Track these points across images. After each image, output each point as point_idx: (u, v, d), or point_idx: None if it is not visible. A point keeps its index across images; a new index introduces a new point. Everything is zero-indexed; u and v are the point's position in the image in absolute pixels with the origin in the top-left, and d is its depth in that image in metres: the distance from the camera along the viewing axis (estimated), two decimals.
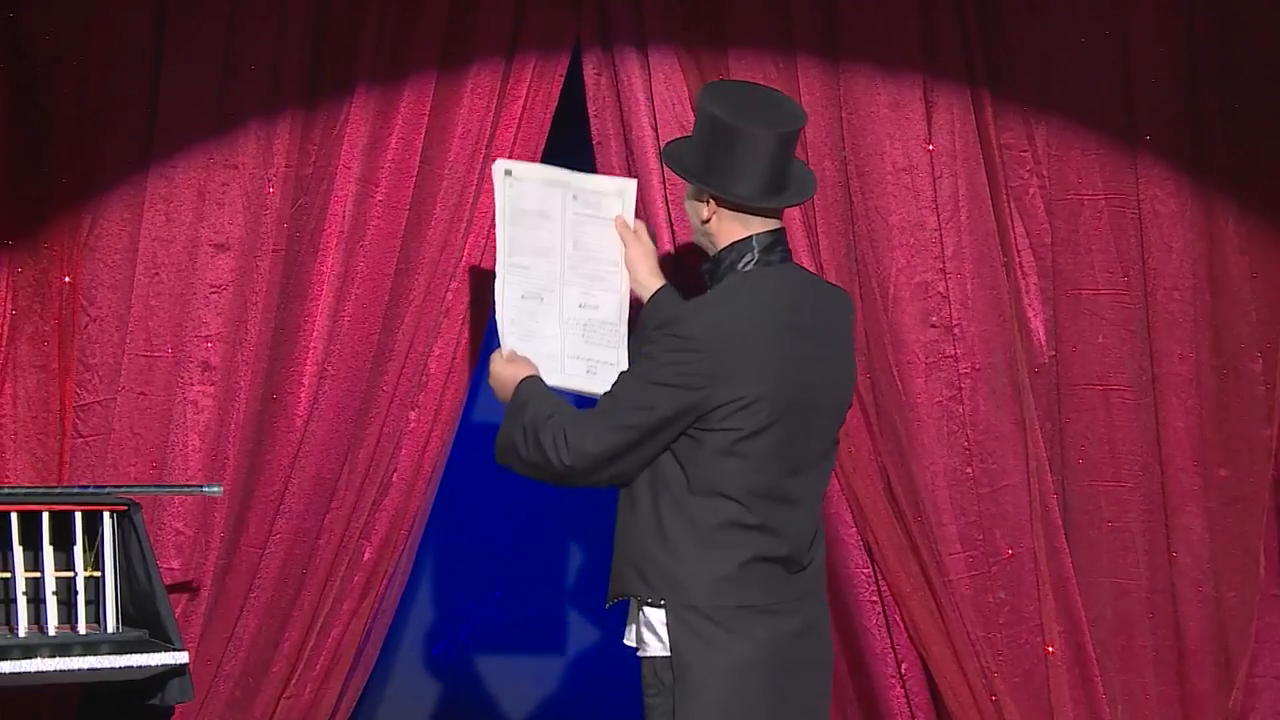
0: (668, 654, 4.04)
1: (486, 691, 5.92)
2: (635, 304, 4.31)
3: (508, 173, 4.20)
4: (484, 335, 5.34)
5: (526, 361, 4.27)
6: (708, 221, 4.16)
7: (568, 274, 4.18)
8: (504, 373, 4.26)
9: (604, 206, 4.19)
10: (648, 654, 4.08)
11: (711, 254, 4.21)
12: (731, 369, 4.01)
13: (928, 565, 5.23)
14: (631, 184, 4.26)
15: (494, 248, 5.24)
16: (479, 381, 5.51)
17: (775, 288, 4.15)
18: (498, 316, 4.29)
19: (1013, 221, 5.33)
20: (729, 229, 4.17)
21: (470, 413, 5.58)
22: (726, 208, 4.14)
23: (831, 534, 5.25)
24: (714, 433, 4.01)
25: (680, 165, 4.19)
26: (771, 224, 4.17)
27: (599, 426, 4.04)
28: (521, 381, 4.19)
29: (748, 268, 4.14)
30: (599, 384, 4.20)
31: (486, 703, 5.91)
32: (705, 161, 4.13)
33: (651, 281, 4.31)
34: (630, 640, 4.17)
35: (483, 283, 5.28)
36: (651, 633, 4.07)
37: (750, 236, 4.15)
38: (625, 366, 4.19)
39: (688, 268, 5.03)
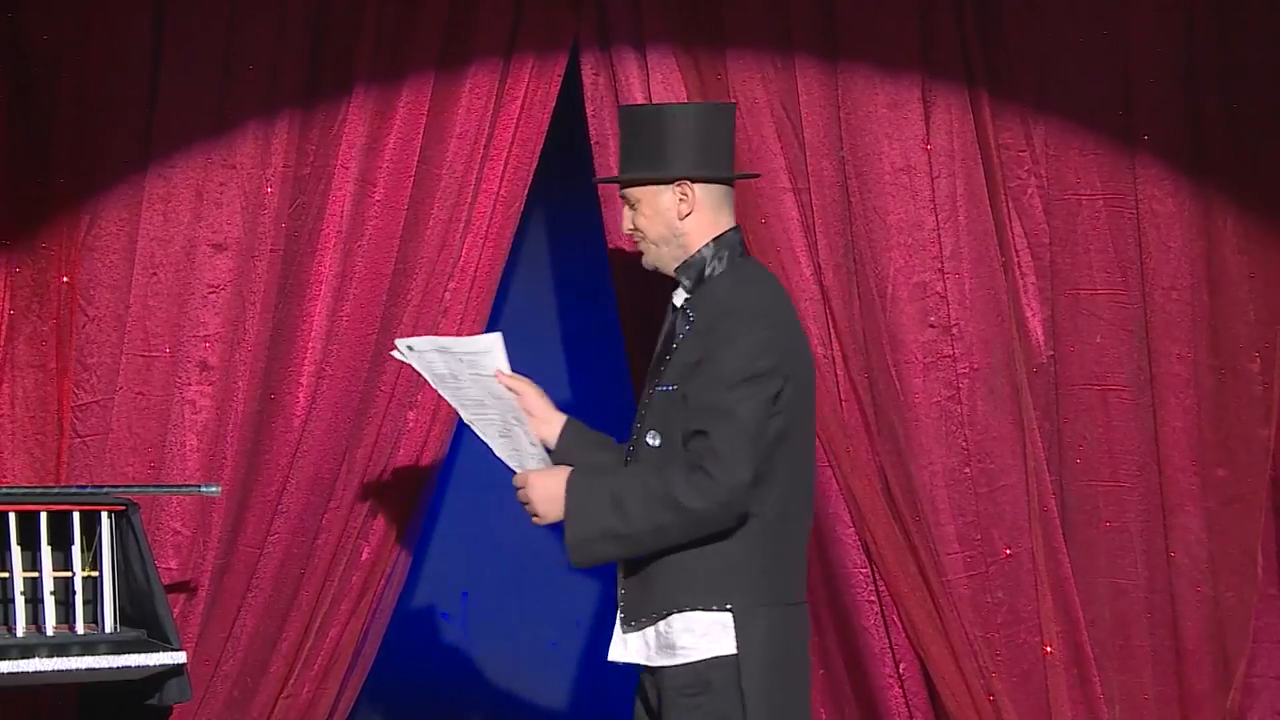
0: (719, 654, 4.03)
1: (484, 692, 5.92)
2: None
3: (410, 348, 4.29)
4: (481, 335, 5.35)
5: (559, 466, 4.16)
6: (686, 217, 4.14)
7: (507, 416, 4.25)
8: (545, 481, 4.11)
9: (483, 364, 4.24)
10: (686, 660, 4.06)
11: (682, 260, 4.17)
12: (791, 345, 4.05)
13: (926, 565, 5.23)
14: (497, 338, 4.26)
15: (490, 248, 5.29)
16: None
17: (772, 275, 4.19)
18: (496, 453, 4.32)
19: (1011, 221, 5.33)
20: (707, 221, 4.17)
21: None
22: (709, 185, 4.15)
23: (829, 534, 5.26)
24: (775, 417, 4.01)
25: (641, 171, 4.15)
26: (732, 219, 4.23)
27: (731, 446, 3.94)
28: (570, 476, 4.07)
29: (739, 257, 4.15)
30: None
31: (484, 703, 5.91)
32: (666, 158, 4.13)
33: (553, 416, 4.30)
34: (633, 655, 4.12)
35: (480, 282, 5.28)
36: (694, 636, 4.05)
37: (727, 230, 4.16)
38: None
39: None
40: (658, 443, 4.07)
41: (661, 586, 4.07)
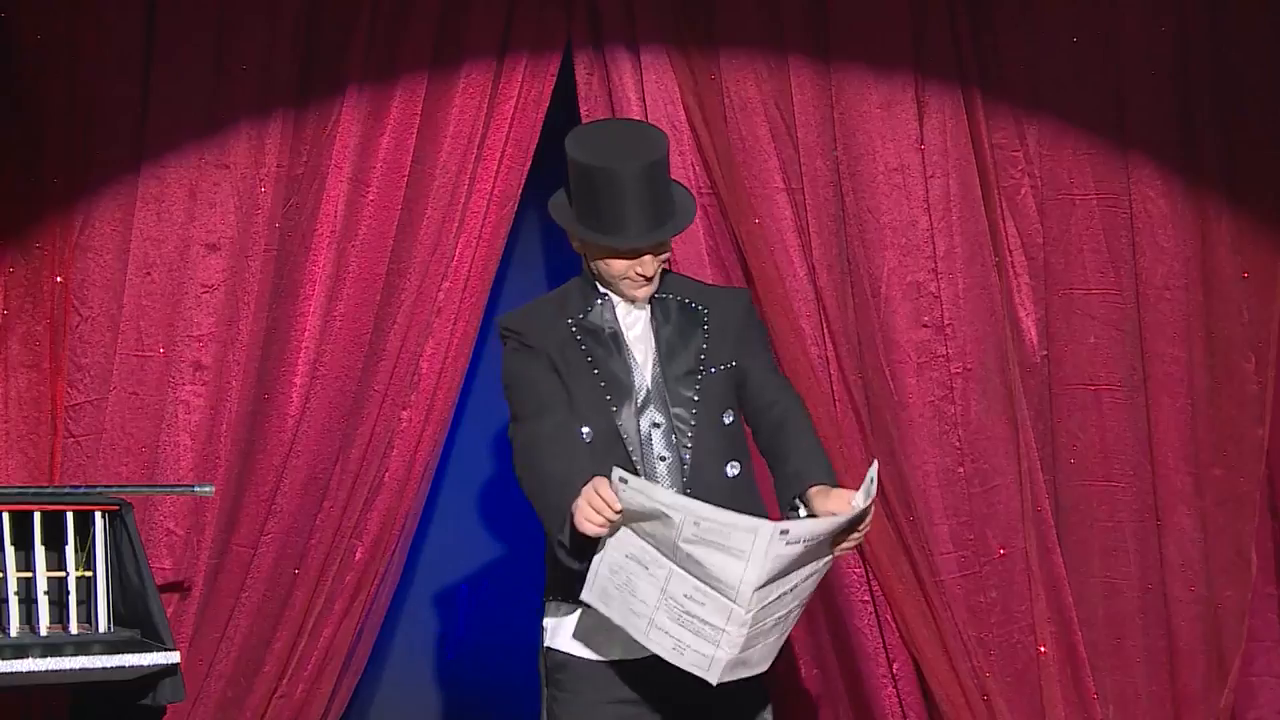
0: None
1: (478, 692, 5.92)
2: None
3: (622, 480, 3.69)
4: (476, 335, 5.35)
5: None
6: None
7: (676, 570, 3.74)
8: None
9: (732, 538, 3.66)
10: None
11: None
12: None
13: (919, 565, 5.23)
14: (767, 528, 3.64)
15: (484, 248, 5.28)
16: (471, 381, 5.53)
17: None
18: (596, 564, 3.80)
19: (1004, 221, 5.34)
20: None
21: (462, 412, 5.58)
22: None
23: None
24: None
25: (685, 218, 4.13)
26: None
27: None
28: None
29: None
30: (684, 661, 3.75)
31: (478, 703, 5.91)
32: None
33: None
34: None
35: (474, 282, 5.29)
36: None
37: None
38: (721, 661, 3.74)
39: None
40: (731, 420, 4.09)
41: None
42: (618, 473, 3.70)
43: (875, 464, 3.82)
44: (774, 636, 3.81)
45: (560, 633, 4.07)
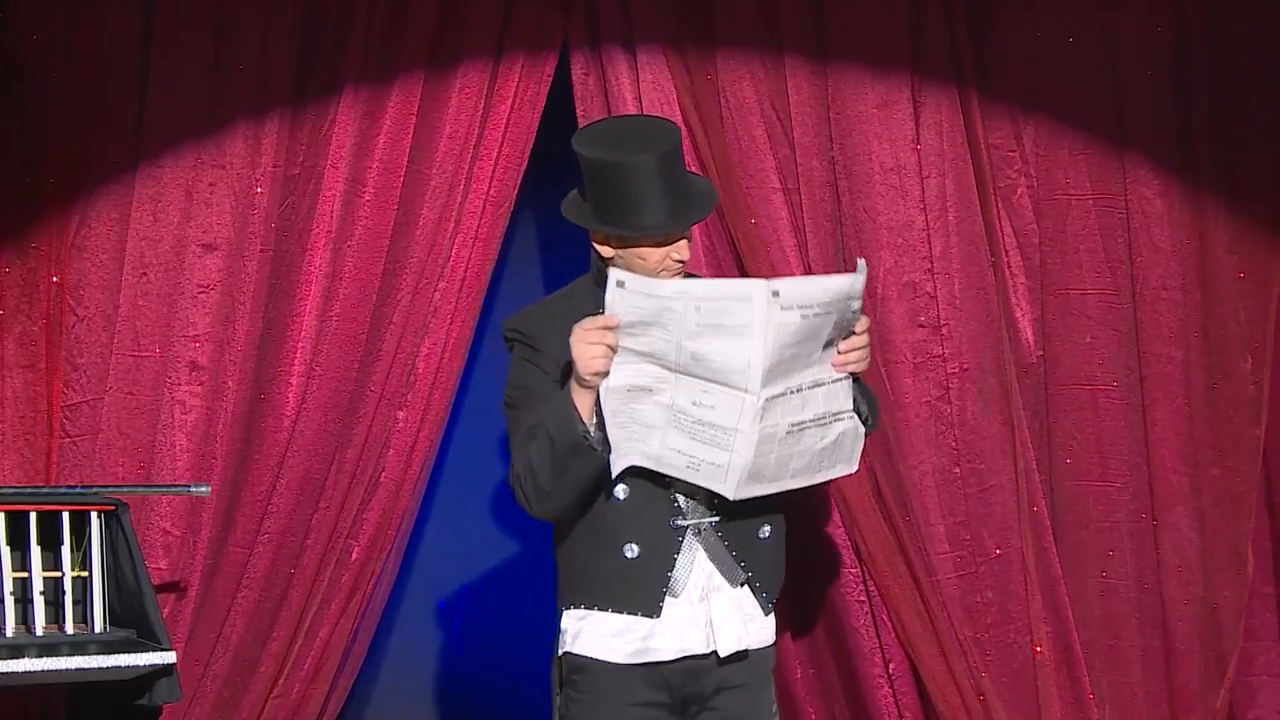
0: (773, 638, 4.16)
1: (475, 691, 5.92)
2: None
3: (619, 284, 3.75)
4: (472, 335, 5.35)
5: None
6: None
7: (682, 377, 3.81)
8: None
9: (733, 313, 3.75)
10: (766, 644, 4.13)
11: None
12: None
13: (915, 565, 5.23)
14: (760, 288, 3.74)
15: (480, 248, 5.28)
16: (467, 381, 5.53)
17: None
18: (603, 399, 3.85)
19: (1000, 221, 5.34)
20: None
21: (458, 412, 5.58)
22: None
23: (819, 534, 5.26)
24: None
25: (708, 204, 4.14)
26: None
27: None
28: None
29: None
30: (700, 477, 3.87)
31: (476, 703, 5.91)
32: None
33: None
34: (749, 641, 4.08)
35: (470, 283, 5.28)
36: (772, 619, 4.13)
37: None
38: (736, 469, 3.84)
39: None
40: None
41: (779, 561, 4.13)
42: (615, 275, 3.74)
43: (862, 260, 3.90)
44: (788, 449, 3.86)
45: (581, 636, 4.07)
